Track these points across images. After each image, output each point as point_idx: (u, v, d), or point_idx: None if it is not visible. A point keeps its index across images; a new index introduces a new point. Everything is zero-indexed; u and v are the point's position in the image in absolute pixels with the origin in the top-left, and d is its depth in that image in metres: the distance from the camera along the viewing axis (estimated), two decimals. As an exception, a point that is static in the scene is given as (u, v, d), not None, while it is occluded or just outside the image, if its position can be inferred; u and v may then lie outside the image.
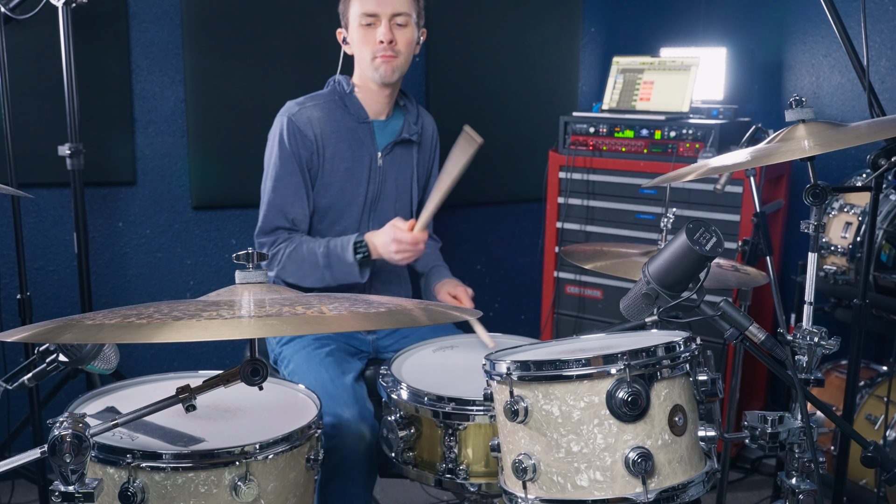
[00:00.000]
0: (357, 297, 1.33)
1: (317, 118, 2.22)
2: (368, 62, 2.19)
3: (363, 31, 2.17)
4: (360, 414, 1.92)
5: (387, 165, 2.30)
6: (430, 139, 2.43)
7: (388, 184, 2.31)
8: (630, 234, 3.01)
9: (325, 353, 2.11)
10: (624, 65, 3.11)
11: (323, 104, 2.25)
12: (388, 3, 2.16)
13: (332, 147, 2.23)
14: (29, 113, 2.63)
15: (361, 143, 2.26)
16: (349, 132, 2.25)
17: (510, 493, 1.41)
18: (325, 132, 2.22)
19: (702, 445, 1.38)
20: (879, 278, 2.50)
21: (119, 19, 2.77)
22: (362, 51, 2.19)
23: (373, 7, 2.15)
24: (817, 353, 1.49)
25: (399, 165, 2.33)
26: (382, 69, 2.19)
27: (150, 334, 1.05)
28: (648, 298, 1.39)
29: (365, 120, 2.27)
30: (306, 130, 2.20)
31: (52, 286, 2.85)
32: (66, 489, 1.12)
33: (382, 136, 2.30)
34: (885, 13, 2.87)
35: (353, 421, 1.90)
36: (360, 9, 2.16)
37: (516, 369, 1.35)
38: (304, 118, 2.21)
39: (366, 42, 2.18)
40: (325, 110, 2.24)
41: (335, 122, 2.24)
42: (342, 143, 2.24)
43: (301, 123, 2.20)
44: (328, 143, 2.22)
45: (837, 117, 3.03)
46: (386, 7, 2.15)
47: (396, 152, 2.32)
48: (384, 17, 2.15)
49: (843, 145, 1.41)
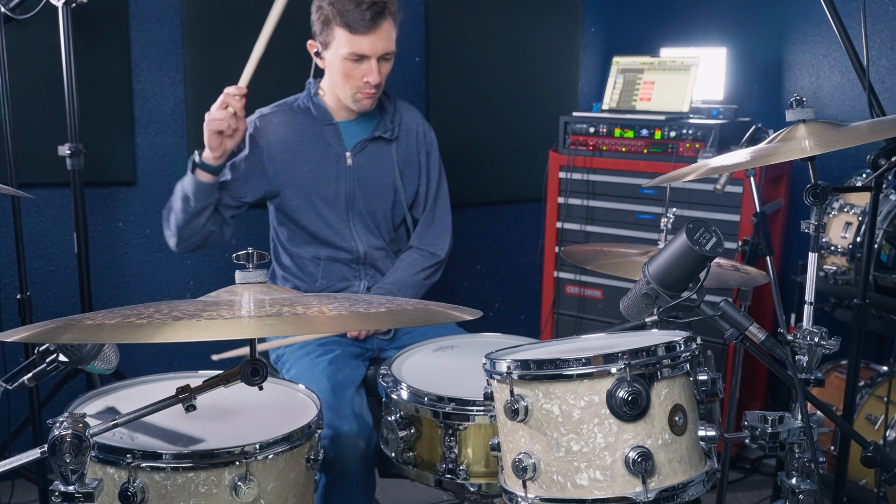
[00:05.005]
0: (357, 297, 1.33)
1: (277, 123, 2.27)
2: (349, 94, 2.22)
3: (349, 64, 2.17)
4: (358, 427, 1.94)
5: (359, 164, 2.30)
6: (414, 134, 2.40)
7: (364, 181, 2.31)
8: (630, 234, 3.01)
9: (328, 360, 2.10)
10: (624, 65, 3.11)
11: (287, 110, 2.30)
12: (379, 45, 2.15)
13: (293, 150, 2.26)
14: (29, 113, 2.63)
15: (327, 144, 2.28)
16: (313, 134, 2.28)
17: (510, 493, 1.41)
18: (287, 136, 2.26)
19: (702, 445, 1.38)
20: (879, 278, 2.50)
21: (119, 19, 2.77)
22: (344, 83, 2.20)
23: (366, 49, 2.14)
24: (817, 353, 1.49)
25: (375, 162, 2.33)
26: (363, 102, 2.23)
27: (150, 334, 1.05)
28: (648, 298, 1.39)
29: (330, 122, 2.29)
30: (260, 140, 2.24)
31: (52, 286, 2.85)
32: (66, 489, 1.12)
33: (350, 136, 2.31)
34: (885, 13, 2.87)
35: (351, 435, 1.92)
36: (350, 47, 2.14)
37: (516, 368, 1.35)
38: (265, 123, 2.27)
39: (350, 77, 2.19)
40: (288, 115, 2.29)
41: (298, 125, 2.28)
42: (305, 145, 2.26)
43: (262, 127, 2.26)
44: (290, 146, 2.26)
45: (837, 117, 3.03)
46: (379, 47, 2.15)
47: (370, 150, 2.32)
48: (374, 58, 2.16)
49: (843, 145, 1.41)
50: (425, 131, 2.44)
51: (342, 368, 2.10)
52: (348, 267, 2.33)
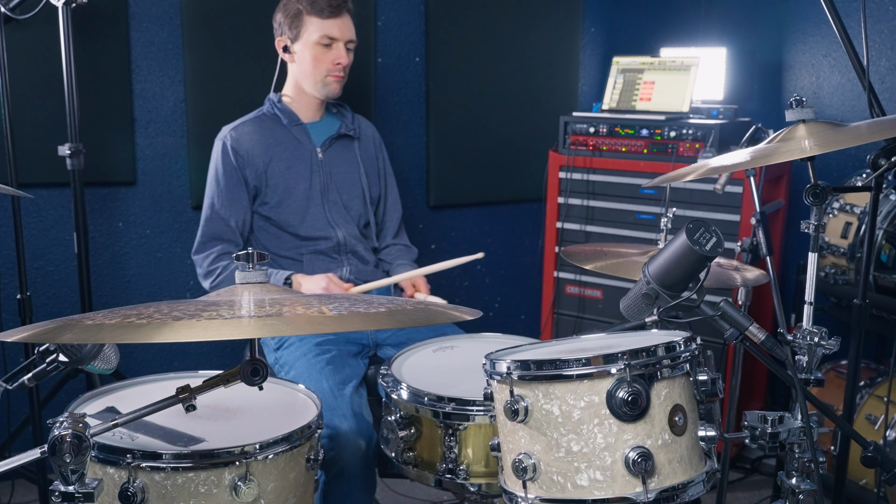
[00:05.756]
0: (357, 297, 1.33)
1: (248, 132, 2.42)
2: (319, 79, 2.41)
3: (319, 49, 2.38)
4: (357, 426, 1.95)
5: (328, 158, 2.48)
6: (370, 140, 2.61)
7: (335, 175, 2.48)
8: (630, 234, 3.02)
9: (326, 360, 2.12)
10: (624, 65, 3.11)
11: (254, 120, 2.46)
12: (346, 30, 2.40)
13: (269, 152, 2.41)
14: (29, 113, 2.63)
15: (298, 143, 2.45)
16: (284, 135, 2.44)
17: (510, 493, 1.41)
18: (260, 142, 2.41)
19: (702, 445, 1.38)
20: (879, 278, 2.50)
21: (119, 19, 2.77)
22: (315, 68, 2.39)
23: (335, 32, 2.38)
24: (817, 353, 1.49)
25: (342, 159, 2.51)
26: (332, 86, 2.42)
27: (150, 334, 1.05)
28: (648, 298, 1.39)
29: (298, 123, 2.46)
30: (238, 147, 2.38)
31: (52, 286, 2.85)
32: (66, 489, 1.12)
33: (318, 135, 2.49)
34: (885, 13, 2.87)
35: (351, 434, 1.93)
36: (321, 30, 2.36)
37: (516, 369, 1.35)
38: (236, 136, 2.40)
39: (320, 61, 2.39)
40: (256, 124, 2.45)
41: (268, 130, 2.44)
42: (278, 146, 2.42)
43: (234, 142, 2.39)
44: (265, 150, 2.40)
45: (837, 117, 3.03)
46: (345, 33, 2.40)
47: (337, 147, 2.51)
48: (342, 42, 2.39)
49: (843, 145, 1.41)
50: (379, 139, 2.66)
51: (341, 367, 2.11)
52: (330, 257, 2.43)
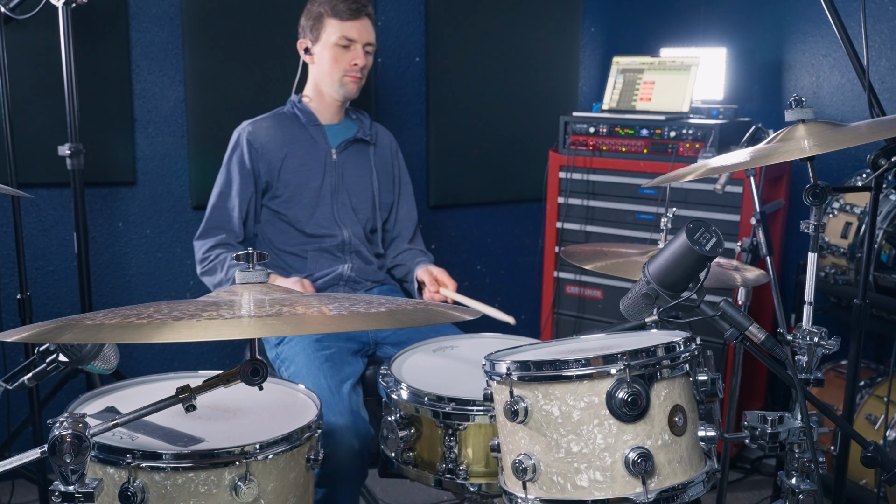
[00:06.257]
0: (357, 297, 1.33)
1: (265, 127, 2.47)
2: (337, 79, 2.44)
3: (338, 50, 2.42)
4: (353, 424, 1.97)
5: (343, 160, 2.50)
6: (386, 147, 2.63)
7: (347, 176, 2.50)
8: (630, 234, 3.01)
9: (325, 356, 2.13)
10: (624, 65, 3.11)
11: (273, 116, 2.51)
12: (365, 32, 2.44)
13: (284, 148, 2.45)
14: (29, 113, 2.63)
15: (314, 142, 2.48)
16: (301, 133, 2.48)
17: (510, 494, 1.41)
18: (276, 137, 2.45)
19: (702, 445, 1.38)
20: (879, 278, 2.50)
21: (119, 19, 2.77)
22: (333, 68, 2.43)
23: (354, 34, 2.41)
24: (817, 353, 1.49)
25: (356, 162, 2.53)
26: (349, 87, 2.45)
27: (150, 334, 1.05)
28: (648, 298, 1.39)
29: (316, 123, 2.50)
30: (254, 141, 2.43)
31: (52, 286, 2.85)
32: (66, 489, 1.12)
33: (335, 137, 2.52)
34: (885, 13, 2.87)
35: (346, 431, 1.95)
36: (340, 31, 2.41)
37: (516, 369, 1.35)
38: (253, 130, 2.45)
39: (338, 61, 2.43)
40: (275, 121, 2.49)
41: (286, 128, 2.48)
42: (294, 144, 2.46)
43: (250, 136, 2.44)
44: (280, 146, 2.44)
45: (837, 117, 3.03)
46: (364, 35, 2.44)
47: (352, 150, 2.53)
48: (360, 43, 2.43)
49: (843, 145, 1.41)
50: (396, 147, 2.67)
51: (340, 365, 2.13)
52: (334, 255, 2.45)
